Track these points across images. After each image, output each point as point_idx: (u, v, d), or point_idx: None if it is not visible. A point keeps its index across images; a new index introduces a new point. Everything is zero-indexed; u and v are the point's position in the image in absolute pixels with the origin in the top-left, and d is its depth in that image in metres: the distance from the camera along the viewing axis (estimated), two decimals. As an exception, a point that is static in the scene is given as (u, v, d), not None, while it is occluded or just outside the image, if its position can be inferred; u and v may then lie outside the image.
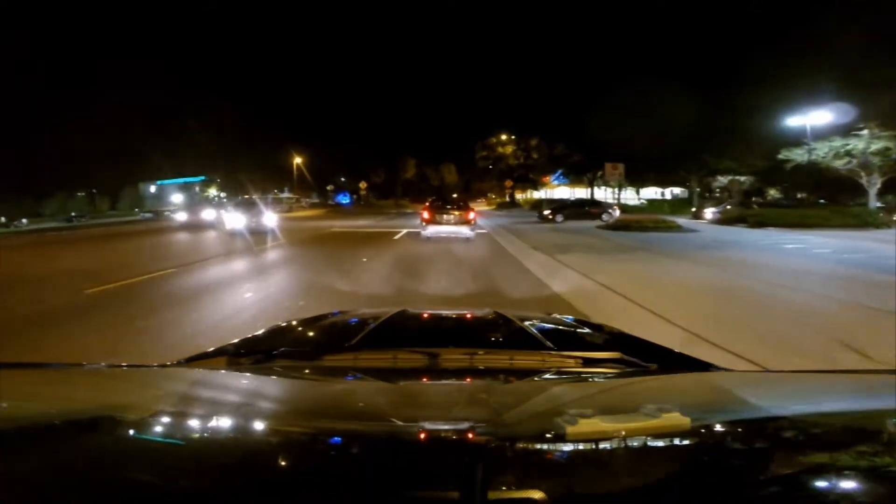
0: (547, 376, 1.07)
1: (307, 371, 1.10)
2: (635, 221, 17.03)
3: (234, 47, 48.78)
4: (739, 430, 0.71)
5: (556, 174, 51.25)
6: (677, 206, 32.64)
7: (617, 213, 21.83)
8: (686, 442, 0.64)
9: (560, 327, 1.63)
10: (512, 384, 1.01)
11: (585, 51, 38.37)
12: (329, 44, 63.86)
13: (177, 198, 40.28)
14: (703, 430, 0.67)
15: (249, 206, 16.56)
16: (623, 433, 0.63)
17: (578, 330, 1.57)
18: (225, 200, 35.81)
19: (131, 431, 0.67)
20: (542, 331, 1.39)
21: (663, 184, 45.60)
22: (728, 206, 23.86)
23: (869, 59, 19.29)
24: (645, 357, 1.18)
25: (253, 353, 1.23)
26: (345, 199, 51.12)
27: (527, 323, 1.45)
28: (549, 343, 1.24)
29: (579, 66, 37.78)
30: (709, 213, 23.56)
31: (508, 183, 44.13)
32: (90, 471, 0.53)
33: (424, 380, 1.07)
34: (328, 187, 44.76)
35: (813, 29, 21.94)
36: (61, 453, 0.57)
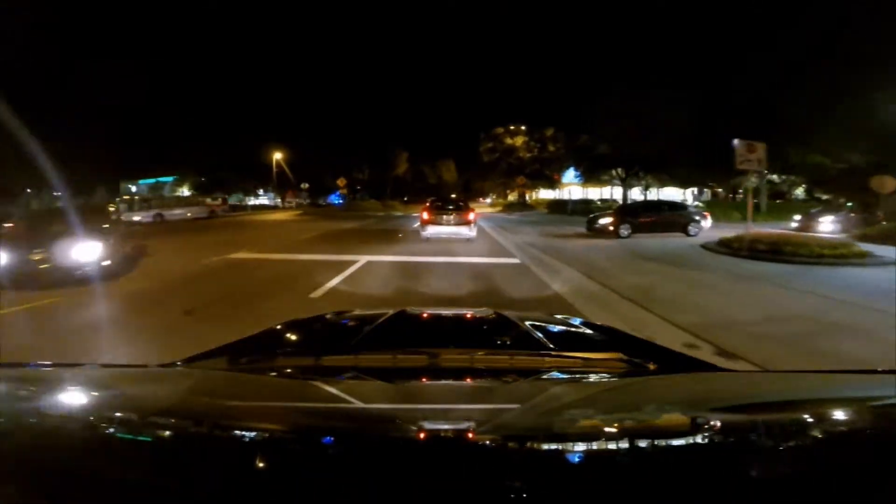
0: (547, 376, 1.05)
1: (307, 371, 1.07)
2: (782, 242, 9.40)
3: (206, 34, 40.93)
4: (739, 430, 0.70)
5: (576, 172, 44.18)
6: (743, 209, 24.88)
7: (708, 222, 14.25)
8: (686, 442, 0.64)
9: (560, 327, 1.59)
10: (512, 384, 0.99)
11: (611, 21, 30.74)
12: (313, 28, 55.28)
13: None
14: (703, 430, 0.68)
15: (38, 228, 7.47)
16: (623, 433, 0.66)
17: (579, 330, 1.55)
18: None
19: (129, 431, 0.66)
20: (543, 331, 1.36)
21: (685, 183, 38.75)
22: (852, 214, 16.49)
23: None
24: (645, 357, 1.16)
25: (253, 354, 1.21)
26: (337, 200, 44.74)
27: (527, 323, 1.41)
28: (549, 343, 1.22)
29: (603, 42, 30.31)
30: (826, 223, 16.09)
31: (521, 180, 35.76)
32: (88, 471, 0.52)
33: (424, 380, 1.05)
34: (303, 185, 37.56)
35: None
36: (59, 453, 0.56)
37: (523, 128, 41.07)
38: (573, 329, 1.55)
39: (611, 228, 13.27)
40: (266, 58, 44.29)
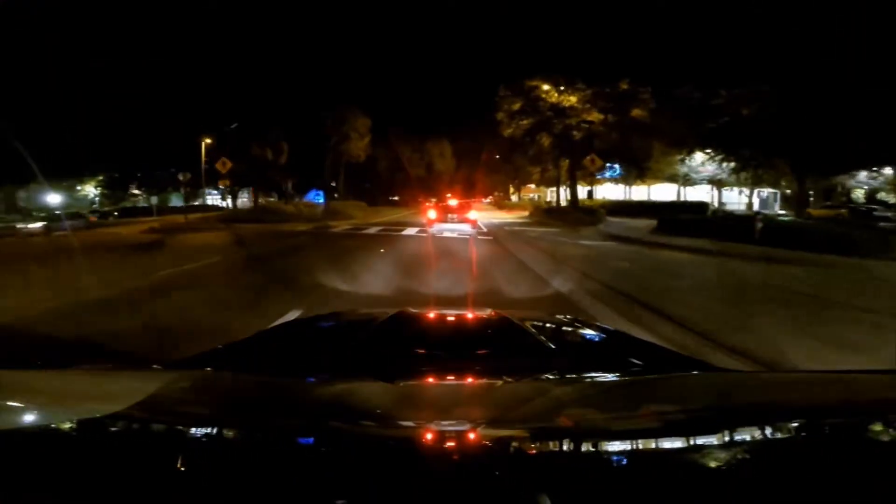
0: (547, 376, 1.05)
1: (307, 372, 1.07)
2: None
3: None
4: (739, 430, 0.70)
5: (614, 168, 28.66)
6: None
7: None
8: (686, 442, 0.64)
9: (561, 327, 1.58)
10: (512, 384, 0.99)
11: None
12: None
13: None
14: (703, 431, 0.68)
15: None
16: (623, 433, 0.66)
17: (579, 330, 1.54)
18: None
19: (129, 432, 0.66)
20: (543, 331, 1.36)
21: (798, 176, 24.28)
22: None
23: None
24: (645, 358, 1.16)
25: (252, 354, 1.22)
26: (318, 198, 37.31)
27: (527, 323, 1.40)
28: (549, 343, 1.21)
29: None
30: None
31: (594, 163, 17.37)
32: (85, 471, 0.52)
33: (425, 380, 1.03)
34: (181, 176, 23.98)
35: None
36: (59, 453, 0.56)
37: (562, 87, 24.42)
38: (574, 329, 1.53)
39: None
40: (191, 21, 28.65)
